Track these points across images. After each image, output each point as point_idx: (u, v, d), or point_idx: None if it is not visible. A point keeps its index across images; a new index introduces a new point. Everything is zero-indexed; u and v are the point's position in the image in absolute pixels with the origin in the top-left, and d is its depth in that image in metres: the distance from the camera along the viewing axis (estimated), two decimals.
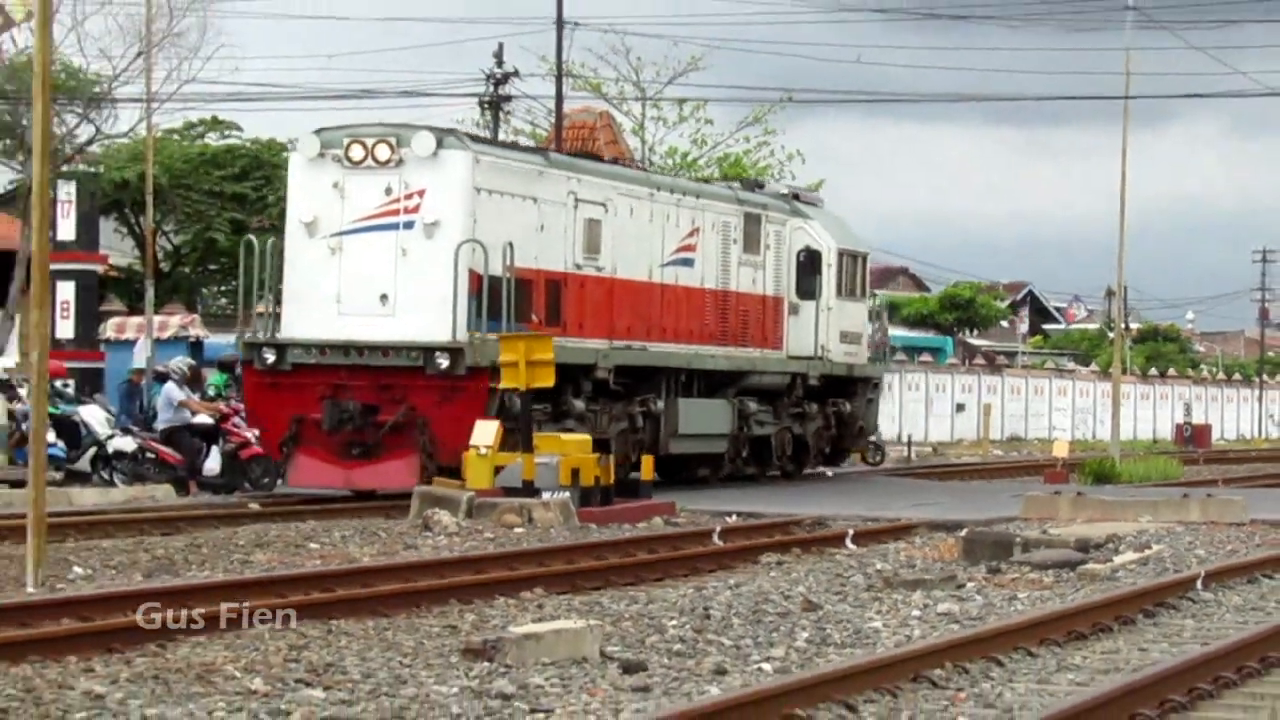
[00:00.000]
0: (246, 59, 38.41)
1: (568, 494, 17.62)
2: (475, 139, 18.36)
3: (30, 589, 11.47)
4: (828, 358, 24.53)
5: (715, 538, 16.39)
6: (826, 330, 24.34)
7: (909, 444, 39.80)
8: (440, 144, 17.21)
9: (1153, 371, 63.63)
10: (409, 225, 17.11)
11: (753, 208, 23.85)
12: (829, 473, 27.14)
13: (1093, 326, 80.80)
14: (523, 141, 33.28)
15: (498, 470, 17.76)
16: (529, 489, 17.26)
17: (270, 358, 17.62)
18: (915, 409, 47.79)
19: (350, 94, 38.99)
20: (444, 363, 16.65)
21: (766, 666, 8.34)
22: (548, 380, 17.94)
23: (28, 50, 25.55)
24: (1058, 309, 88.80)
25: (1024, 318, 78.57)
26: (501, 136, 30.85)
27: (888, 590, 12.31)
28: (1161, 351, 72.52)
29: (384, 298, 17.01)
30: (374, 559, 14.08)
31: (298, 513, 17.65)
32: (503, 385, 18.61)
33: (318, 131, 17.70)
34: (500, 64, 30.82)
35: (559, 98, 33.34)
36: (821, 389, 25.05)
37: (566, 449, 18.35)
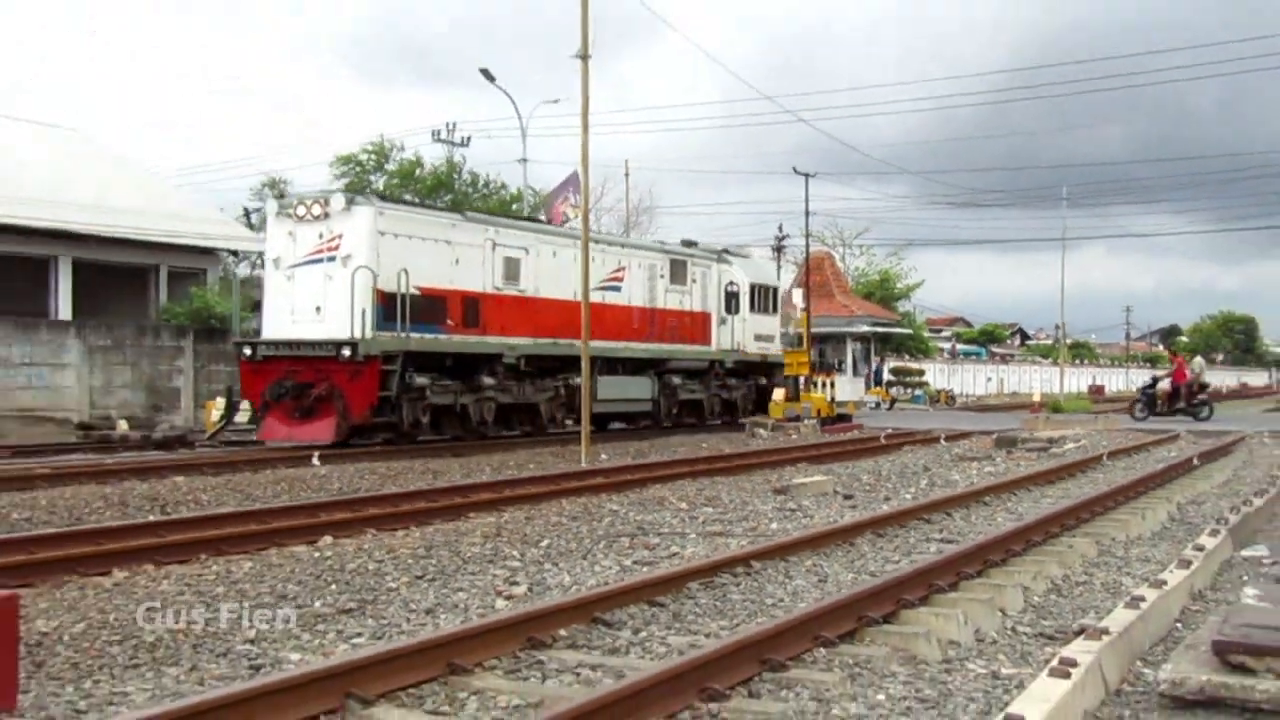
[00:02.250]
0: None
1: (815, 420, 33.20)
2: (383, 198, 23.54)
3: (583, 464, 20.56)
4: (743, 351, 32.66)
5: (881, 439, 27.67)
6: (743, 334, 32.52)
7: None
8: (351, 202, 22.17)
9: (1077, 360, 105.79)
10: (331, 259, 21.73)
11: (678, 256, 31.35)
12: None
13: (1048, 341, 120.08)
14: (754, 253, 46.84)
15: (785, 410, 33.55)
16: (798, 417, 33.15)
17: (248, 351, 22.66)
18: (970, 380, 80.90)
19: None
20: (347, 352, 21.00)
21: (908, 496, 16.11)
22: (804, 371, 36.70)
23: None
24: (1032, 332, 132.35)
25: (1017, 337, 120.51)
26: (784, 268, 58.77)
27: (962, 461, 21.64)
28: (1080, 352, 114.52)
29: (318, 309, 21.80)
30: (733, 449, 25.57)
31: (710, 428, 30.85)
32: (788, 374, 35.63)
33: (279, 197, 24.92)
34: (781, 230, 62.10)
35: (807, 247, 52.87)
36: (744, 371, 33.56)
37: (814, 400, 33.91)
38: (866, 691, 6.25)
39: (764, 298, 33.10)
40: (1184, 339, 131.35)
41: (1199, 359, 45.18)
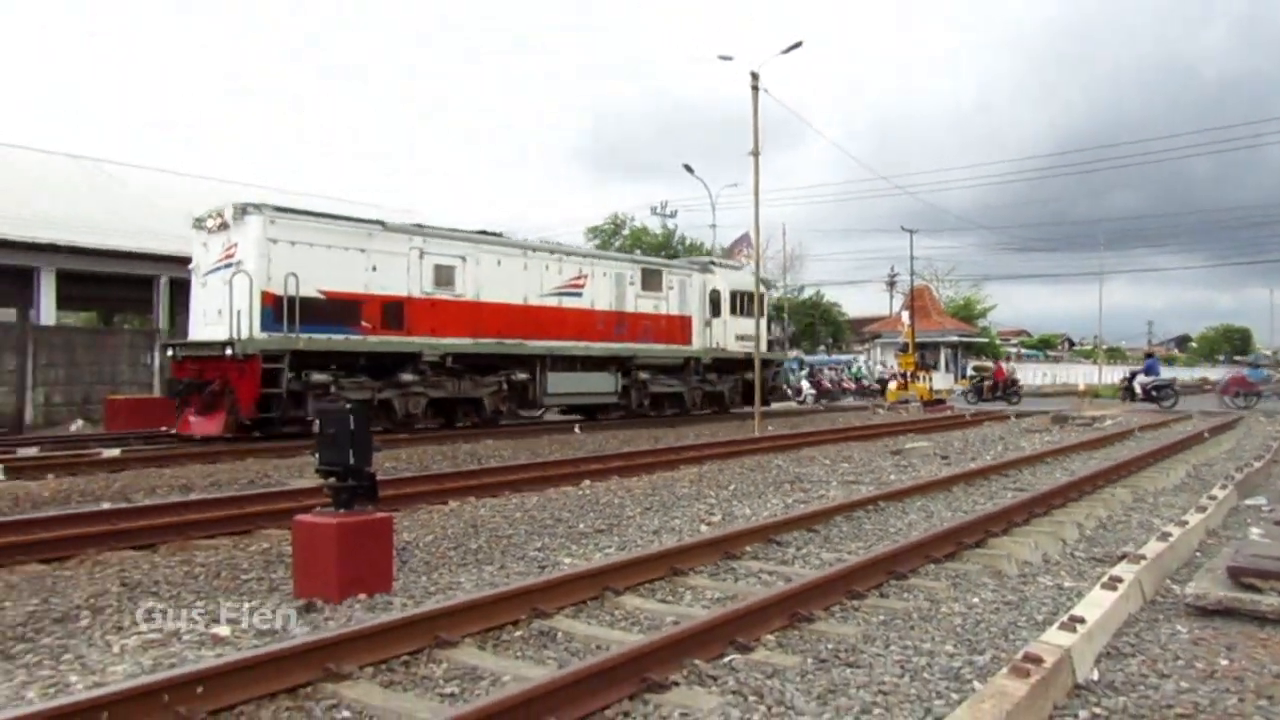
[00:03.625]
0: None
1: (919, 403, 31.92)
2: (281, 210, 17.48)
3: (755, 433, 20.03)
4: (724, 349, 25.87)
5: (968, 415, 25.81)
6: (724, 334, 25.84)
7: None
8: (244, 212, 16.97)
9: (1112, 360, 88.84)
10: (228, 266, 16.86)
11: (651, 266, 24.90)
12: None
13: (1089, 346, 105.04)
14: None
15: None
16: (907, 401, 32.30)
17: (170, 353, 17.95)
18: (1031, 375, 66.35)
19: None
20: (229, 352, 16.14)
21: (988, 457, 15.36)
22: (910, 368, 35.61)
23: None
24: (1077, 340, 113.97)
25: (1066, 343, 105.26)
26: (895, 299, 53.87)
27: (1028, 433, 20.20)
28: (1114, 354, 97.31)
29: (220, 312, 16.73)
30: (862, 421, 24.46)
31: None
32: (901, 368, 34.21)
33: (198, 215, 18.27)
34: (893, 270, 57.28)
35: (911, 281, 50.34)
36: (728, 367, 26.49)
37: (918, 389, 32.41)
38: (965, 596, 5.97)
39: (747, 303, 26.37)
40: (1194, 344, 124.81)
41: (1013, 364, 48.13)
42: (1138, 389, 32.05)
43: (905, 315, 45.83)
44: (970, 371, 51.86)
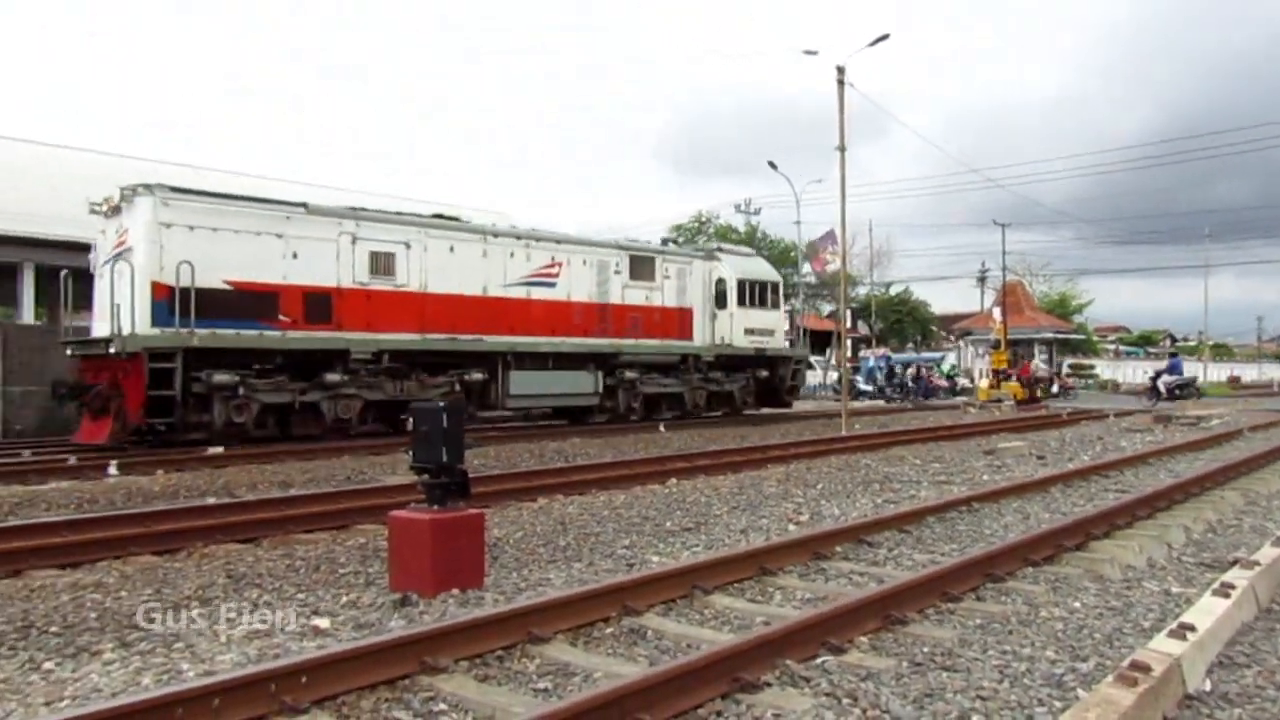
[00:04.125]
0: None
1: (1012, 401, 31.44)
2: (178, 190, 15.15)
3: (843, 431, 19.92)
4: (731, 345, 23.09)
5: (1063, 415, 25.20)
6: (730, 328, 23.07)
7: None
8: (134, 194, 14.91)
9: (1218, 358, 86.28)
10: (120, 255, 14.93)
11: (641, 253, 21.81)
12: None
13: (1192, 343, 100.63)
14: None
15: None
16: (998, 400, 31.70)
17: (69, 351, 15.92)
18: (1131, 373, 64.18)
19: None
20: (113, 349, 14.29)
21: (1086, 457, 14.70)
22: (1002, 365, 34.19)
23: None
24: (1180, 336, 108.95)
25: (1168, 340, 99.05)
26: (986, 295, 52.71)
27: (1128, 433, 19.48)
28: (1220, 352, 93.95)
29: (117, 306, 14.54)
30: (952, 420, 23.92)
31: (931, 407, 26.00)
32: (995, 366, 33.40)
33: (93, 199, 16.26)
34: (984, 266, 55.47)
35: (1004, 276, 49.54)
36: (738, 364, 23.72)
37: (1011, 388, 31.79)
38: (1066, 600, 5.79)
39: (757, 293, 23.71)
40: None
41: (1038, 361, 46.33)
42: (1162, 388, 32.15)
43: (997, 311, 44.75)
44: (1066, 369, 50.36)
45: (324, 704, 3.85)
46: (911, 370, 40.76)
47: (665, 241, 23.38)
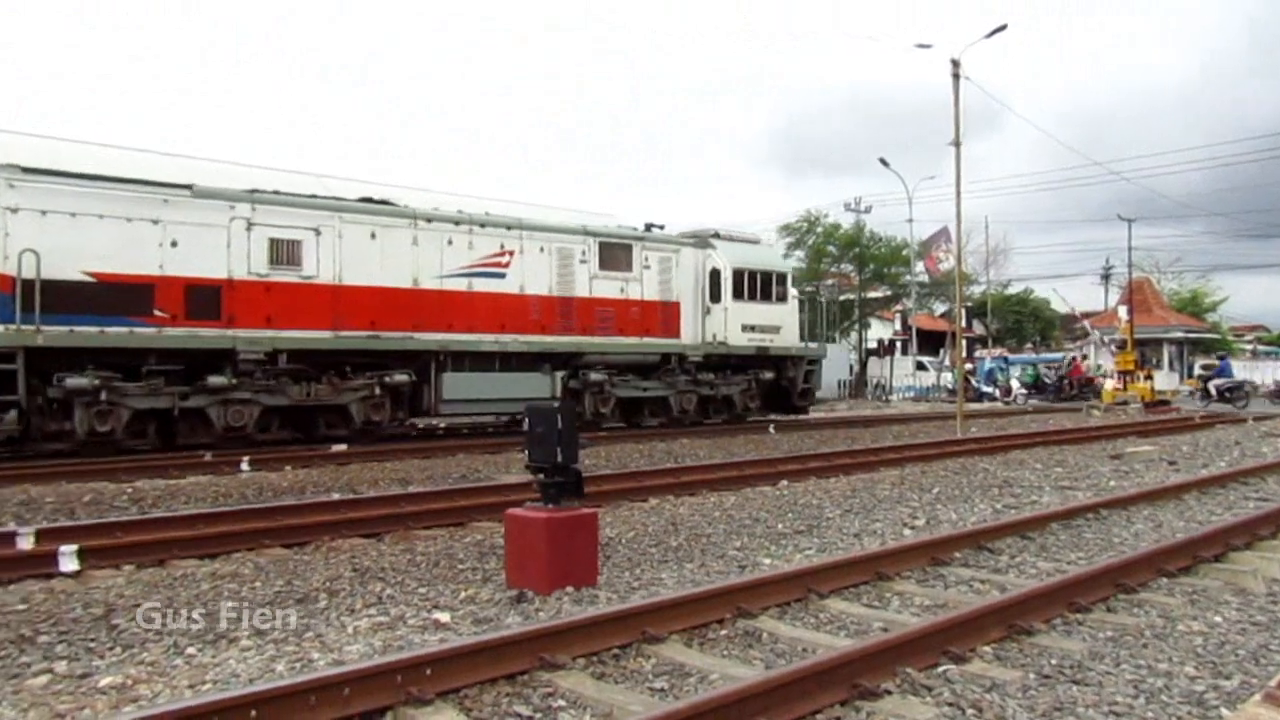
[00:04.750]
0: None
1: (1140, 404, 29.45)
2: (29, 171, 13.45)
3: (958, 434, 19.18)
4: (725, 343, 20.34)
5: (1196, 418, 24.13)
6: (723, 324, 20.34)
7: None
8: None
9: None
10: None
11: (615, 240, 19.26)
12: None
13: None
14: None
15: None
16: (1124, 403, 29.81)
17: None
18: (1270, 374, 56.50)
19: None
20: None
21: (1222, 464, 13.92)
22: (1129, 367, 31.60)
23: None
24: None
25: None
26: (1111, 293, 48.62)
27: (1269, 437, 18.64)
28: None
29: None
30: (1075, 423, 22.86)
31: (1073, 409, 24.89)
32: (1118, 368, 31.34)
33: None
34: (1108, 262, 55.59)
35: (1129, 274, 46.10)
36: (738, 364, 21.04)
37: (1139, 389, 30.43)
38: (1205, 613, 5.49)
39: (758, 285, 20.88)
40: None
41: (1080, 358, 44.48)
42: (1213, 390, 31.47)
43: (1123, 310, 42.85)
44: (1198, 370, 47.83)
45: (447, 696, 3.95)
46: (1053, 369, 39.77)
47: (649, 227, 20.60)
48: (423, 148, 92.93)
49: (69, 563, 6.67)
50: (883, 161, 41.14)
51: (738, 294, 20.59)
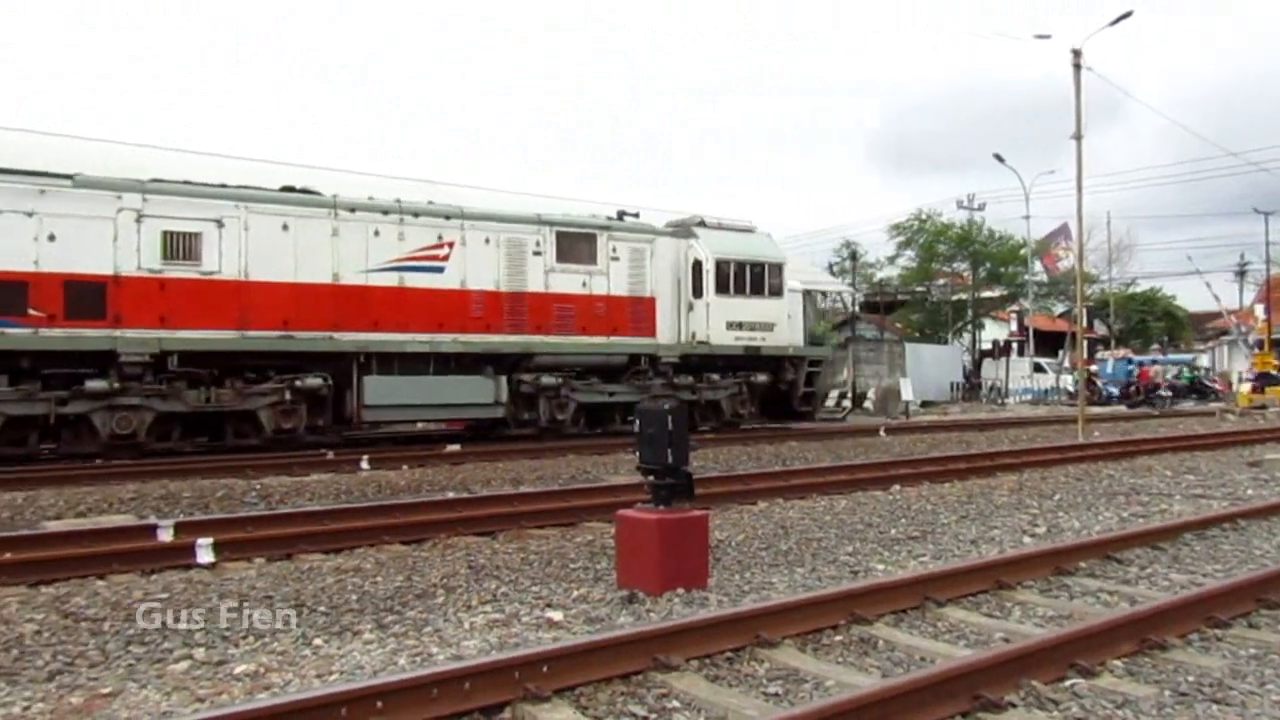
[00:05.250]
0: None
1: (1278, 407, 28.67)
2: None
3: (1080, 439, 18.45)
4: (707, 342, 18.43)
5: None
6: (705, 321, 18.44)
7: None
8: None
9: None
10: None
11: (575, 229, 17.49)
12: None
13: None
14: None
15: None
16: (1263, 406, 28.91)
17: None
18: None
19: None
20: None
21: None
22: (1270, 368, 30.11)
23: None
24: None
25: None
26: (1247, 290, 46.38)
27: None
28: None
29: None
30: (1207, 428, 21.84)
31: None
32: (1258, 369, 29.84)
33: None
34: (1243, 258, 54.48)
35: (1267, 269, 45.39)
36: (727, 366, 19.11)
37: (1277, 392, 29.03)
38: None
39: (747, 277, 18.83)
40: None
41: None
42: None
43: (1259, 308, 40.56)
44: None
45: (564, 694, 3.99)
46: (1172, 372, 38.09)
47: (621, 215, 18.91)
48: (423, 148, 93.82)
49: (205, 555, 7.02)
50: (998, 157, 39.94)
51: (722, 288, 18.70)
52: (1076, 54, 19.98)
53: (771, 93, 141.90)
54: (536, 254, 17.07)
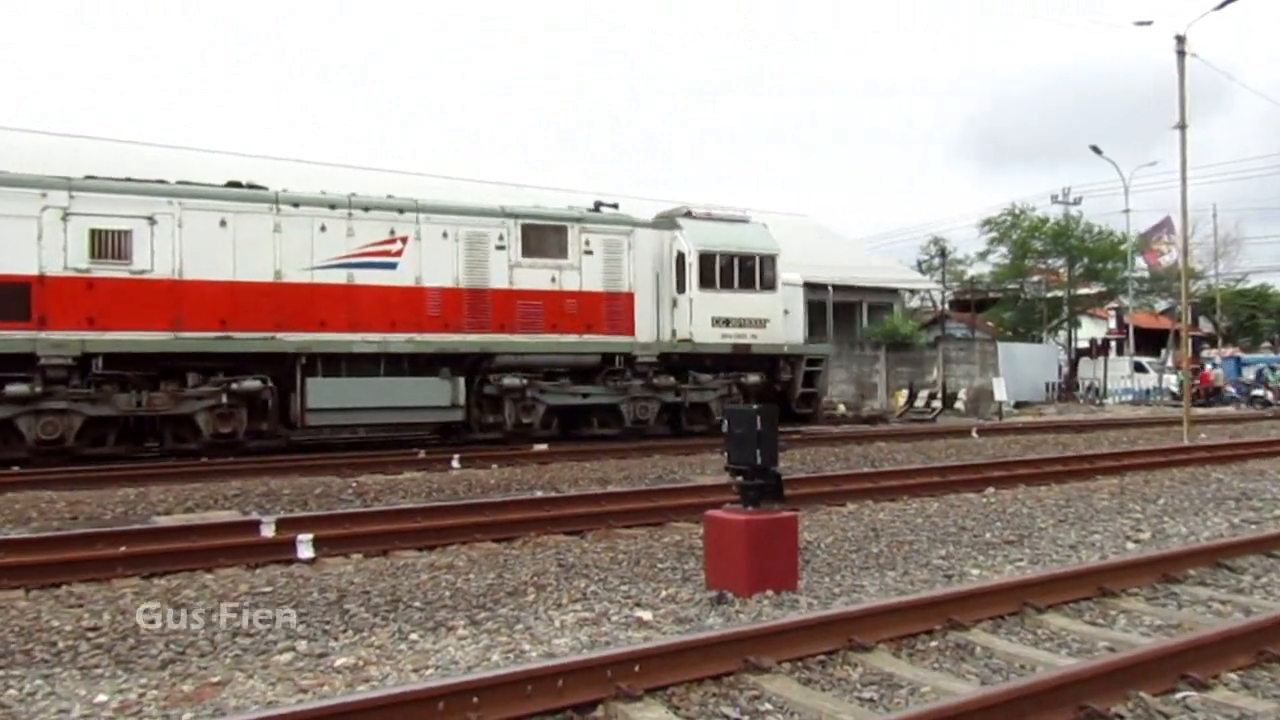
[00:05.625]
0: None
1: None
2: None
3: (1185, 441, 17.77)
4: (691, 339, 17.26)
5: None
6: (687, 317, 17.29)
7: None
8: None
9: None
10: None
11: (541, 222, 16.54)
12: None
13: None
14: None
15: None
16: None
17: None
18: None
19: None
20: None
21: None
22: None
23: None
24: None
25: None
26: None
27: None
28: None
29: None
30: None
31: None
32: None
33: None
34: None
35: None
36: (716, 365, 17.90)
37: None
38: None
39: (735, 270, 17.55)
40: None
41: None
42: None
43: None
44: None
45: (655, 693, 4.00)
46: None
47: (598, 206, 17.91)
48: (423, 148, 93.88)
49: (305, 550, 7.24)
50: (1095, 149, 38.57)
51: (707, 282, 17.43)
52: (1180, 40, 19.19)
53: (833, 91, 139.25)
54: (500, 248, 16.20)
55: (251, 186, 15.07)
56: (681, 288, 17.47)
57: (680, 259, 17.44)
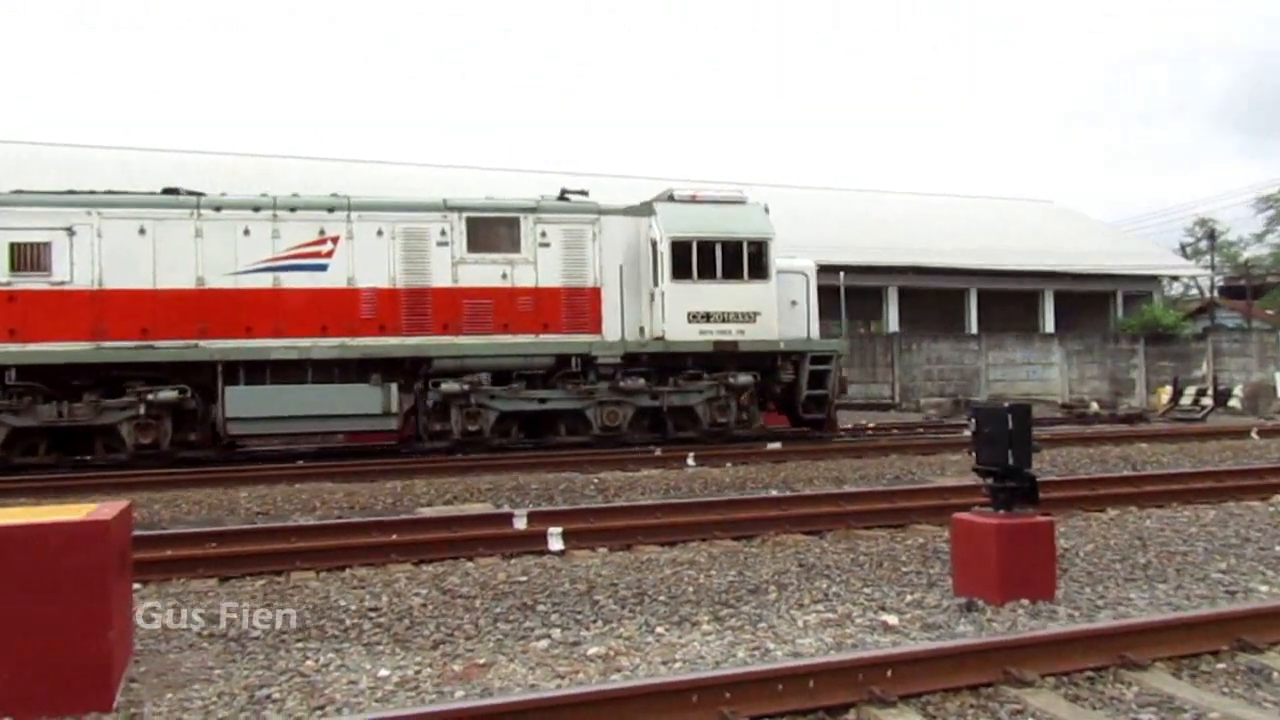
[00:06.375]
0: None
1: None
2: None
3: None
4: (664, 337, 15.38)
5: None
6: (659, 312, 15.38)
7: None
8: None
9: None
10: None
11: (491, 214, 15.21)
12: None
13: None
14: None
15: None
16: None
17: None
18: None
19: None
20: None
21: None
22: None
23: None
24: None
25: None
26: None
27: None
28: None
29: None
30: None
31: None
32: None
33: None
34: None
35: None
36: (699, 365, 15.76)
37: None
38: None
39: (716, 258, 15.48)
40: None
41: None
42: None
43: None
44: None
45: (909, 700, 3.89)
46: None
47: (564, 194, 16.28)
48: (423, 148, 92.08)
49: (556, 542, 7.60)
50: None
51: (681, 272, 15.49)
52: None
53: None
54: (442, 244, 15.11)
55: (191, 194, 14.81)
56: (657, 280, 15.76)
57: (654, 247, 15.74)
